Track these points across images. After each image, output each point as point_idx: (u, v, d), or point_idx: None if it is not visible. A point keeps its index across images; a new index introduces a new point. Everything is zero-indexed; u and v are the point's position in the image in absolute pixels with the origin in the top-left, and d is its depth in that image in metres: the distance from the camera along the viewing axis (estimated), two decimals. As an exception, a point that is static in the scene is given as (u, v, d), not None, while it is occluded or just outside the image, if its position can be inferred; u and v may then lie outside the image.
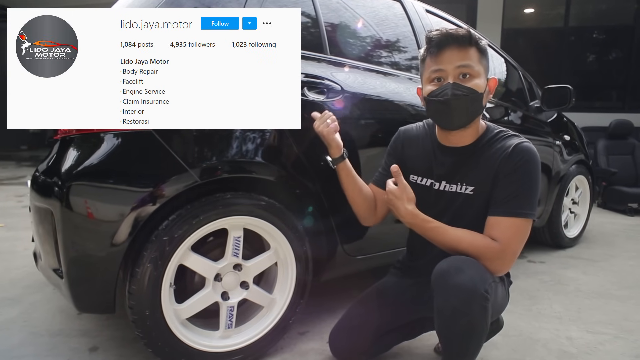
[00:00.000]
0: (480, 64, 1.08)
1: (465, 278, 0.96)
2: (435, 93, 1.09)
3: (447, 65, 1.07)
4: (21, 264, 2.22)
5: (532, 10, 6.59)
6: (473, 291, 0.96)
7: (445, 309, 0.99)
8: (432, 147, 1.21)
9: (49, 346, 1.44)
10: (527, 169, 1.07)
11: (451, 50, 1.06)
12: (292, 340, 1.51)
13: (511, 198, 1.06)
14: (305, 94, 1.36)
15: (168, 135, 1.15)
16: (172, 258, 1.17)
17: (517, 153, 1.08)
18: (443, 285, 0.99)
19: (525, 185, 1.06)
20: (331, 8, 1.62)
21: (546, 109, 2.57)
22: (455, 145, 1.16)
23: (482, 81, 1.08)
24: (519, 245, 1.07)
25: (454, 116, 1.09)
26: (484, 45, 1.09)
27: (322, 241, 1.47)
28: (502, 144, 1.11)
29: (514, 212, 1.05)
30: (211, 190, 1.23)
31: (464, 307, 0.96)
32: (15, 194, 4.18)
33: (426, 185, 1.20)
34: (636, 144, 4.34)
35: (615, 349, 1.49)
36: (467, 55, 1.06)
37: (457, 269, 0.98)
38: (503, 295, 1.17)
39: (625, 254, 2.67)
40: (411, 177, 1.23)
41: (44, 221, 1.21)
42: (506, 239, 1.05)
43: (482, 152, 1.13)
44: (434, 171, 1.19)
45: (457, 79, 1.07)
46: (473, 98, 1.07)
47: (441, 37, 1.07)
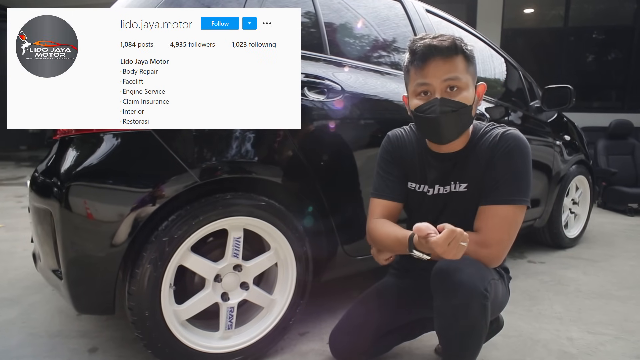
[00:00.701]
0: (468, 73, 1.05)
1: (464, 277, 0.96)
2: (423, 109, 1.05)
3: (433, 79, 1.02)
4: (20, 264, 2.21)
5: (532, 11, 6.59)
6: (472, 290, 0.95)
7: (445, 309, 0.99)
8: (424, 153, 1.19)
9: (48, 347, 1.44)
10: (512, 155, 1.05)
11: (436, 62, 1.02)
12: (292, 340, 1.50)
13: (498, 186, 1.05)
14: (305, 94, 1.36)
15: (168, 136, 1.14)
16: (172, 259, 1.17)
17: (502, 141, 1.07)
18: (442, 285, 0.98)
19: (512, 172, 1.05)
20: (332, 8, 1.62)
21: (546, 109, 2.57)
22: (446, 152, 1.14)
23: (471, 92, 1.05)
24: (506, 233, 1.04)
25: (443, 132, 1.06)
26: (470, 51, 1.06)
27: (323, 241, 1.47)
28: (490, 135, 1.11)
29: (499, 199, 1.04)
30: (211, 191, 1.22)
31: (464, 306, 0.96)
32: (15, 195, 4.17)
33: (422, 191, 1.19)
34: (636, 144, 4.35)
35: (616, 349, 1.49)
36: (453, 67, 1.02)
37: (456, 268, 0.97)
38: (504, 293, 1.17)
39: (626, 254, 2.67)
40: (409, 184, 1.21)
41: (43, 222, 1.20)
42: (487, 228, 1.04)
43: (473, 149, 1.12)
44: (427, 177, 1.18)
45: (444, 92, 1.03)
46: (462, 112, 1.04)
47: (425, 49, 1.02)
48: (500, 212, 1.04)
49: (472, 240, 1.03)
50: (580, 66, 6.55)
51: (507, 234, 1.05)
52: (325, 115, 1.42)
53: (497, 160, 1.07)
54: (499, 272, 1.16)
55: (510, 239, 1.06)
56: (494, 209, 1.05)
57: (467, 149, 1.13)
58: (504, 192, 1.05)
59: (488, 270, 1.04)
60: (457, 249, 0.89)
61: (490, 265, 1.06)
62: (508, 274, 1.23)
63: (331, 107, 1.41)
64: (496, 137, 1.09)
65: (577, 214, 2.95)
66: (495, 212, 1.05)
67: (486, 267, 1.03)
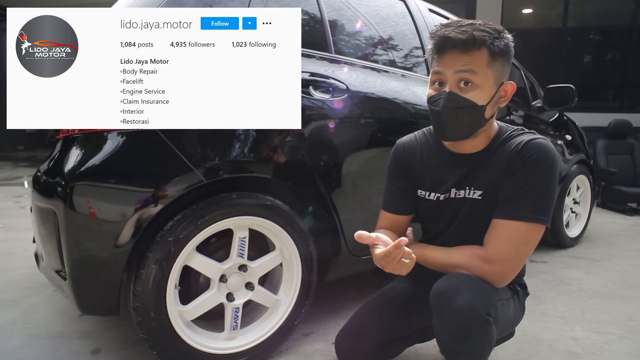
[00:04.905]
0: (490, 68, 0.94)
1: (463, 302, 0.87)
2: (432, 100, 0.99)
3: (447, 70, 0.94)
4: (20, 265, 2.19)
5: (531, 11, 6.61)
6: (472, 316, 0.88)
7: (443, 334, 0.93)
8: (441, 156, 1.09)
9: (50, 348, 1.42)
10: (536, 167, 0.94)
11: (453, 53, 0.93)
12: (296, 341, 1.49)
13: (513, 199, 0.95)
14: (310, 93, 1.35)
15: (173, 134, 1.13)
16: (177, 259, 1.16)
17: (527, 149, 0.96)
18: (440, 309, 0.91)
19: (532, 185, 0.94)
20: (335, 7, 1.61)
21: (548, 108, 2.57)
22: (466, 152, 1.05)
23: (488, 90, 0.95)
24: (513, 252, 0.94)
25: (445, 128, 0.99)
26: (500, 44, 0.93)
27: (327, 241, 1.46)
28: (513, 141, 1.00)
29: (512, 214, 0.94)
30: (216, 190, 1.21)
31: (463, 334, 0.89)
32: (13, 195, 4.15)
33: (433, 199, 1.11)
34: (635, 143, 4.36)
35: (621, 349, 1.49)
36: (471, 60, 0.92)
37: (455, 291, 0.89)
38: (516, 310, 1.08)
39: (627, 253, 2.68)
40: (419, 192, 1.13)
41: (46, 221, 1.19)
42: (494, 242, 0.95)
43: (495, 154, 1.02)
44: (443, 183, 1.08)
45: (455, 87, 0.94)
46: (470, 111, 0.94)
47: (442, 39, 0.95)
48: (511, 227, 0.94)
49: (477, 255, 0.97)
50: (579, 66, 6.57)
51: (515, 253, 0.95)
52: (330, 114, 1.41)
53: (516, 170, 0.96)
54: (512, 288, 1.08)
55: (519, 258, 0.96)
56: (505, 224, 0.95)
57: (486, 153, 1.03)
58: (519, 206, 0.94)
59: (494, 291, 0.95)
60: (397, 265, 0.86)
61: (494, 284, 0.96)
62: (525, 289, 1.15)
63: (336, 106, 1.40)
64: (520, 144, 0.98)
65: (578, 213, 2.95)
66: (506, 227, 0.95)
67: (491, 287, 0.95)
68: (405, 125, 1.56)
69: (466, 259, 0.98)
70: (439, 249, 1.05)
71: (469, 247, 1.00)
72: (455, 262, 0.99)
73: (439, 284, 0.94)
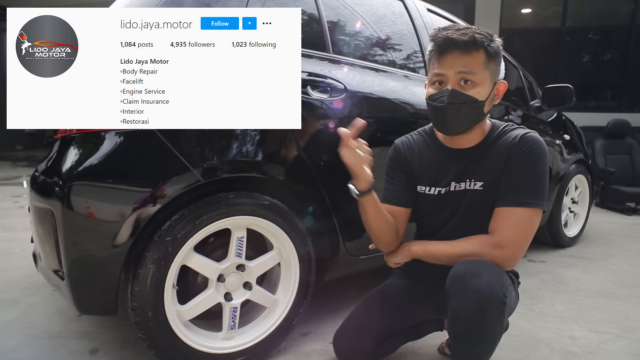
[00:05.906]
0: (487, 69, 1.03)
1: (483, 282, 0.94)
2: (434, 97, 1.06)
3: (448, 70, 1.03)
4: (19, 265, 2.19)
5: (530, 10, 6.61)
6: (491, 296, 0.94)
7: (462, 314, 0.97)
8: (437, 152, 1.17)
9: (49, 348, 1.42)
10: (532, 158, 1.05)
11: (454, 55, 1.02)
12: (294, 341, 1.50)
13: (515, 188, 1.04)
14: (308, 93, 1.35)
15: (171, 134, 1.13)
16: (175, 259, 1.16)
17: (523, 142, 1.06)
18: (460, 290, 0.96)
19: (530, 174, 1.04)
20: (333, 7, 1.61)
21: (546, 108, 2.57)
22: (461, 147, 1.14)
23: (486, 88, 1.04)
24: (522, 235, 1.03)
25: (450, 123, 1.06)
26: (494, 47, 1.04)
27: (325, 241, 1.46)
28: (509, 135, 1.10)
29: (516, 201, 1.03)
30: (214, 190, 1.21)
31: (482, 312, 0.94)
32: (12, 195, 4.15)
33: (434, 194, 1.17)
34: (633, 143, 4.37)
35: (618, 348, 1.49)
36: (471, 61, 1.01)
37: (474, 273, 0.96)
38: (515, 297, 1.16)
39: (625, 253, 2.68)
40: (419, 187, 1.20)
41: (44, 221, 1.19)
42: (502, 229, 1.03)
43: (490, 147, 1.11)
44: (442, 177, 1.16)
45: (457, 85, 1.03)
46: (471, 106, 1.03)
47: (445, 42, 1.03)
48: (516, 214, 1.03)
49: (486, 242, 1.04)
50: (577, 66, 6.57)
51: (523, 236, 1.04)
52: (328, 114, 1.41)
53: (515, 162, 1.06)
54: (510, 277, 1.15)
55: (526, 241, 1.05)
56: (511, 211, 1.04)
57: (482, 146, 1.12)
58: (521, 194, 1.04)
59: (506, 276, 1.02)
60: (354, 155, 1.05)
61: (504, 268, 1.04)
62: (518, 278, 1.23)
63: (334, 106, 1.41)
64: (516, 138, 1.08)
65: (577, 213, 2.96)
66: (511, 214, 1.04)
67: (503, 272, 1.02)
68: (404, 125, 1.56)
69: (477, 247, 1.04)
70: (443, 242, 1.11)
71: (475, 236, 1.07)
72: (464, 252, 1.05)
73: (457, 268, 1.00)
